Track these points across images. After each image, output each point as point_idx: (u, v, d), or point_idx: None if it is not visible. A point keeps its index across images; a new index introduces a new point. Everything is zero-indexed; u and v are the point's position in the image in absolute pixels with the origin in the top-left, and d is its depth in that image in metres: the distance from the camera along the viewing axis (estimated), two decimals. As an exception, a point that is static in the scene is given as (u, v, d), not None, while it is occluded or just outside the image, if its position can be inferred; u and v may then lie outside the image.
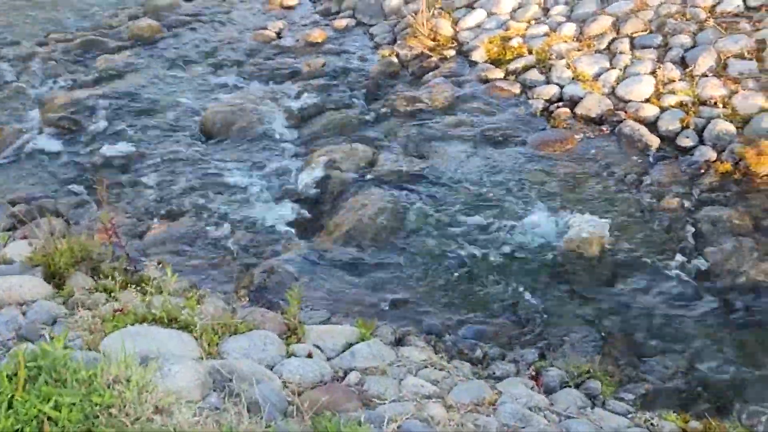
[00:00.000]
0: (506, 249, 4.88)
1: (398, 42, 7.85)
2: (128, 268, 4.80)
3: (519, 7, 7.77)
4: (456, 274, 4.75)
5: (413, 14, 8.06)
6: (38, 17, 9.53)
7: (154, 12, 9.13)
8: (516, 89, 6.78)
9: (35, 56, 8.25)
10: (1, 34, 8.96)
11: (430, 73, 7.18)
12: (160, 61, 8.07)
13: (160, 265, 4.71)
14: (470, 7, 8.11)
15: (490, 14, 7.79)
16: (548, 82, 6.77)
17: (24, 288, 4.17)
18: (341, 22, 8.56)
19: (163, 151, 6.44)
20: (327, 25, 8.76)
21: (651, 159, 5.79)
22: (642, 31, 6.91)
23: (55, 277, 4.45)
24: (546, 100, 6.58)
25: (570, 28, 7.19)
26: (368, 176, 5.73)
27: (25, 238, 4.98)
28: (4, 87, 7.68)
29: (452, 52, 7.48)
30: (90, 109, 7.03)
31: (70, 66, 8.09)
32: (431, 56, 7.40)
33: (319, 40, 8.29)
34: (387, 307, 4.50)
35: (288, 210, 5.60)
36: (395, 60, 7.54)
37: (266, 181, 6.02)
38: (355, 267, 4.86)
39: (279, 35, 8.52)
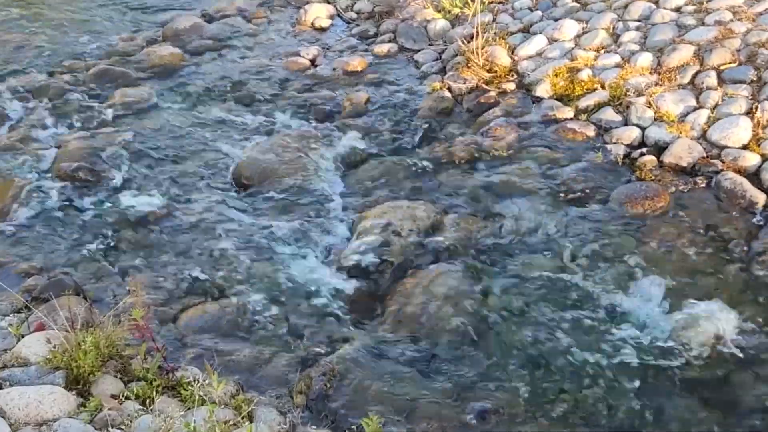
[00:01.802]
0: (608, 346, 4.23)
1: (449, 73, 7.19)
2: (163, 366, 4.20)
3: (584, 33, 7.10)
4: (551, 378, 4.10)
5: (463, 40, 7.40)
6: (47, 40, 8.96)
7: (174, 36, 8.51)
8: (590, 131, 6.11)
9: (45, 90, 7.63)
10: (7, 61, 8.33)
11: (490, 112, 6.53)
12: (184, 95, 7.44)
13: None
14: (527, 32, 7.44)
15: (551, 41, 7.12)
16: (627, 123, 6.11)
17: (44, 404, 3.60)
18: (382, 48, 7.91)
19: (194, 207, 5.82)
20: (366, 50, 8.12)
21: (758, 219, 5.11)
22: (730, 63, 6.23)
23: (78, 382, 3.86)
24: (627, 145, 5.92)
25: (646, 59, 6.51)
26: (433, 244, 5.08)
27: (41, 328, 4.36)
28: (11, 127, 7.06)
29: (512, 85, 6.82)
30: (108, 155, 6.42)
31: (84, 101, 7.48)
32: (489, 90, 6.74)
33: (359, 69, 7.65)
34: (474, 420, 3.86)
35: (340, 284, 4.97)
36: (447, 94, 6.89)
37: (312, 245, 5.39)
38: (428, 365, 4.22)
39: (314, 63, 7.89)
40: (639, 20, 6.97)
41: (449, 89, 6.94)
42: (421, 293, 4.68)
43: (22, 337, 4.33)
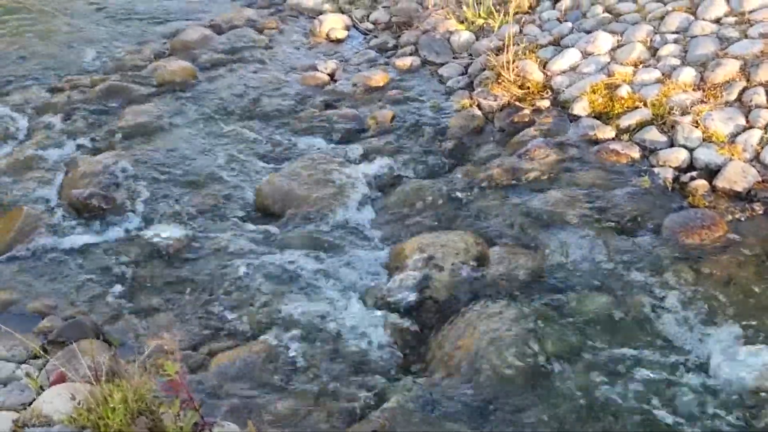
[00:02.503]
0: (671, 393, 3.93)
1: (477, 89, 6.88)
2: (199, 423, 3.88)
3: (619, 46, 6.81)
4: (611, 428, 3.80)
5: (490, 53, 7.10)
6: (49, 53, 8.64)
7: (183, 49, 8.20)
8: (634, 153, 5.82)
9: (51, 106, 7.30)
10: (9, 74, 8.00)
11: (525, 131, 6.24)
12: (197, 113, 7.12)
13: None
14: (557, 44, 7.15)
15: (585, 55, 6.83)
16: (673, 143, 5.82)
17: (70, 476, 3.25)
18: (404, 62, 7.61)
19: (215, 238, 5.50)
20: (386, 64, 7.82)
21: (824, 250, 4.83)
22: (779, 79, 5.95)
23: (106, 442, 3.52)
24: (675, 168, 5.63)
25: (688, 74, 6.23)
26: (479, 279, 4.77)
27: (62, 379, 4.04)
28: (15, 148, 6.73)
29: (546, 103, 6.52)
30: (121, 180, 6.09)
31: (91, 119, 7.17)
32: (522, 108, 6.44)
33: (381, 84, 7.35)
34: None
35: (380, 324, 4.66)
36: (477, 112, 6.60)
37: (346, 279, 5.09)
38: (485, 417, 3.90)
39: (333, 77, 7.58)
40: (677, 32, 6.69)
41: (479, 106, 6.65)
42: (471, 334, 4.38)
43: (42, 389, 4.01)
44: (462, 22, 7.86)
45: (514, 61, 6.74)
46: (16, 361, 4.39)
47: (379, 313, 4.70)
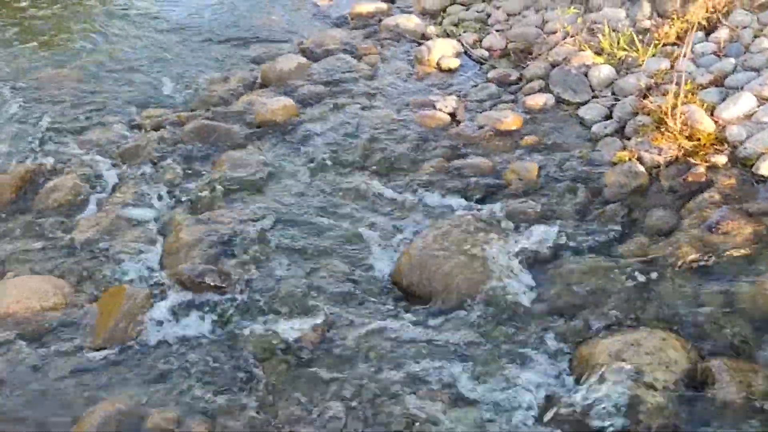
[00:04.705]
0: None
1: (635, 138, 6.07)
2: None
3: (801, 89, 5.94)
4: None
5: (641, 93, 6.27)
6: (121, 82, 8.02)
7: (278, 80, 7.46)
8: None
9: (135, 150, 6.60)
10: (80, 109, 7.30)
11: (703, 195, 5.40)
12: (306, 161, 6.39)
13: None
14: (720, 85, 6.30)
15: (761, 100, 5.97)
16: None
17: None
18: (536, 100, 6.80)
19: (351, 327, 4.80)
20: (513, 101, 7.01)
21: None
22: None
23: None
24: None
25: None
26: (702, 404, 3.95)
27: None
28: (102, 204, 6.01)
29: (722, 159, 5.69)
30: (233, 250, 5.37)
31: (184, 166, 6.47)
32: (695, 164, 5.61)
33: (513, 128, 6.55)
34: None
35: (575, 453, 3.85)
36: (638, 167, 5.77)
37: (511, 384, 4.29)
38: None
39: (454, 117, 6.78)
40: None
41: (640, 160, 5.81)
42: (707, 485, 3.57)
43: None
44: (599, 54, 7.01)
45: (679, 106, 5.88)
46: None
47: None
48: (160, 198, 6.01)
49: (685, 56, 6.42)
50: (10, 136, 6.96)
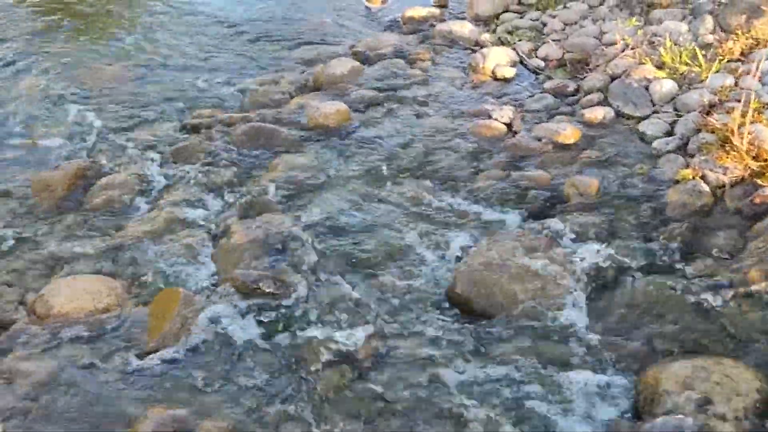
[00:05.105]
0: None
1: (698, 156, 5.92)
2: None
3: None
4: None
5: (704, 109, 6.13)
6: (166, 79, 7.97)
7: (330, 84, 7.41)
8: None
9: (185, 150, 6.57)
10: (126, 105, 7.29)
11: (771, 218, 5.24)
12: (360, 168, 6.33)
13: None
14: (789, 102, 6.13)
15: (832, 120, 5.79)
16: None
17: None
18: (595, 114, 6.68)
19: (408, 341, 4.74)
20: (571, 113, 6.89)
21: None
22: None
23: None
24: None
25: None
26: (775, 438, 3.82)
27: None
28: (152, 205, 5.99)
29: (792, 181, 5.52)
30: (288, 256, 5.30)
31: (237, 169, 6.42)
32: (764, 186, 5.47)
33: (572, 141, 6.44)
34: None
35: (644, 486, 3.73)
36: (703, 186, 5.63)
37: (577, 409, 4.19)
38: None
39: (510, 128, 6.68)
40: None
41: (704, 179, 5.67)
42: None
43: None
44: (659, 68, 6.87)
45: (746, 125, 5.74)
46: None
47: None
48: (212, 199, 5.97)
49: (752, 74, 6.27)
50: (61, 133, 6.97)
